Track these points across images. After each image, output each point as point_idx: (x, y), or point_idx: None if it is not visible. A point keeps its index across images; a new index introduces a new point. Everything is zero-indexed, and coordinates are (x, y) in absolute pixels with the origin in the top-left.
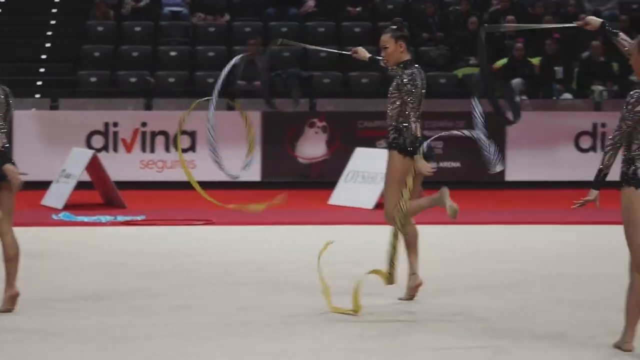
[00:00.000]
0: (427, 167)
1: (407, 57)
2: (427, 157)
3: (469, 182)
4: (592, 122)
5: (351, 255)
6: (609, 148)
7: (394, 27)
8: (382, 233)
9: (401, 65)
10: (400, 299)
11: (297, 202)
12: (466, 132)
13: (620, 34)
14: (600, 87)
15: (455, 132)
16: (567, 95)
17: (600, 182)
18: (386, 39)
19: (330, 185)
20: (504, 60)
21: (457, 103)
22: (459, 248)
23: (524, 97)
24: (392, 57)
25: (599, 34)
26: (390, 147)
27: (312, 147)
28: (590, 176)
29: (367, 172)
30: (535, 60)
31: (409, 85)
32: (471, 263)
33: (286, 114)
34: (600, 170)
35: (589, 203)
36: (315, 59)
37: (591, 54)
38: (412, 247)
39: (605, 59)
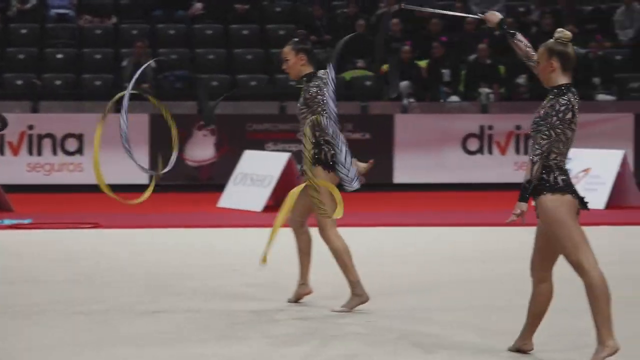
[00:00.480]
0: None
1: (308, 69)
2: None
3: None
4: (479, 124)
5: (239, 258)
6: (537, 158)
7: (296, 39)
8: (280, 235)
9: (304, 79)
10: (289, 300)
11: (186, 205)
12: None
13: (518, 34)
14: (487, 90)
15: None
16: (455, 98)
17: (529, 194)
18: (287, 50)
19: (219, 187)
20: None
21: (345, 106)
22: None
23: (411, 100)
24: (293, 70)
25: (495, 32)
26: (313, 163)
27: (200, 149)
28: (477, 178)
29: (256, 174)
30: (423, 64)
31: (319, 97)
32: (359, 266)
33: (174, 117)
34: (529, 182)
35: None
36: (203, 61)
37: (478, 57)
38: (305, 254)
39: (492, 61)
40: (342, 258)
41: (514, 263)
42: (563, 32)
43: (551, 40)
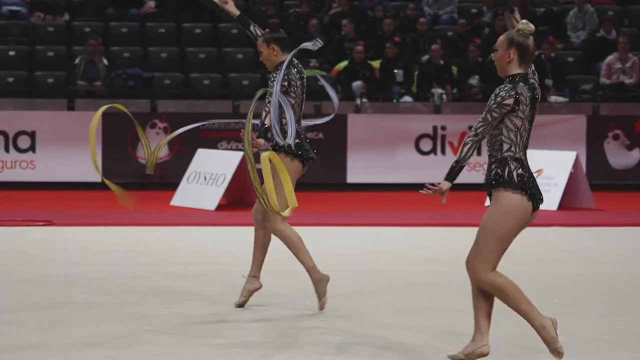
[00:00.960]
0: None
1: (283, 58)
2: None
3: (310, 183)
4: (432, 125)
5: (191, 257)
6: (470, 139)
7: (267, 30)
8: (224, 234)
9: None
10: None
11: (139, 204)
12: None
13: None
14: (439, 90)
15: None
16: (407, 98)
17: (455, 174)
18: (259, 44)
19: (172, 186)
20: (344, 63)
21: None
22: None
23: (364, 100)
24: (267, 61)
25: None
26: (277, 151)
27: (163, 148)
28: (430, 178)
29: (208, 173)
30: (376, 64)
31: (292, 83)
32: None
33: (126, 114)
34: (457, 162)
35: (438, 194)
36: (156, 59)
37: (431, 58)
38: (260, 248)
39: (445, 62)
40: (295, 244)
41: None
42: (527, 25)
43: (514, 30)
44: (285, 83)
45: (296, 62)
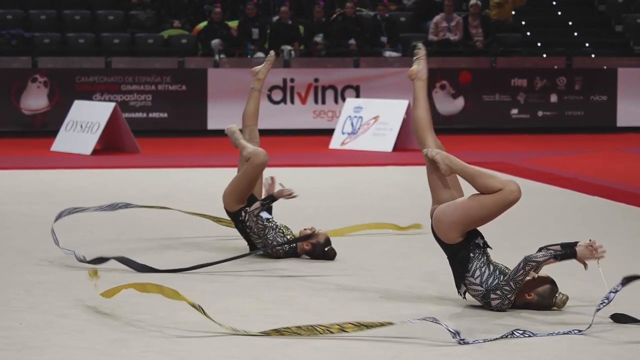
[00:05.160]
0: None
1: None
2: None
3: (175, 130)
4: (282, 77)
5: (69, 196)
6: None
7: None
8: (99, 176)
9: None
10: None
11: (21, 150)
12: None
13: None
14: (288, 47)
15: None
16: (260, 54)
17: None
18: None
19: (52, 133)
20: (204, 23)
21: (163, 61)
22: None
23: (222, 56)
24: None
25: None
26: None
27: (34, 100)
28: (281, 125)
29: (85, 121)
30: (233, 24)
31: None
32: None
33: (9, 70)
34: None
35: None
36: (36, 20)
37: (280, 18)
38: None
39: (293, 22)
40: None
41: (324, 199)
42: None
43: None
44: None
45: None
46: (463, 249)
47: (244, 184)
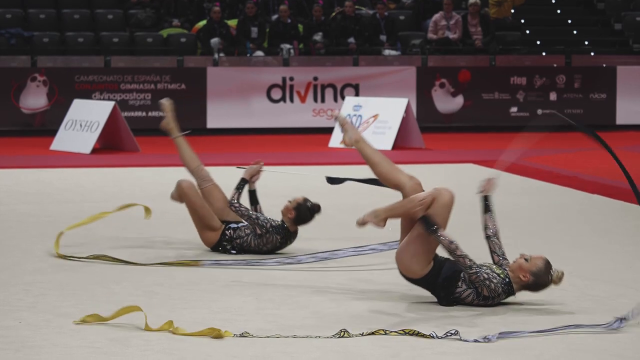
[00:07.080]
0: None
1: None
2: None
3: None
4: (282, 76)
5: (68, 195)
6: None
7: None
8: (97, 175)
9: None
10: None
11: (20, 149)
12: None
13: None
14: (287, 46)
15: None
16: (259, 53)
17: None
18: None
19: (52, 132)
20: (203, 22)
21: (162, 60)
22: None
23: (221, 55)
24: None
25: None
26: None
27: (34, 99)
28: (280, 123)
29: (84, 120)
30: (232, 22)
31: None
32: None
33: (8, 69)
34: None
35: None
36: (36, 20)
37: (279, 17)
38: None
39: (292, 21)
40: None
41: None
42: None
43: (544, 266)
44: None
45: None
46: (437, 273)
47: (201, 213)
